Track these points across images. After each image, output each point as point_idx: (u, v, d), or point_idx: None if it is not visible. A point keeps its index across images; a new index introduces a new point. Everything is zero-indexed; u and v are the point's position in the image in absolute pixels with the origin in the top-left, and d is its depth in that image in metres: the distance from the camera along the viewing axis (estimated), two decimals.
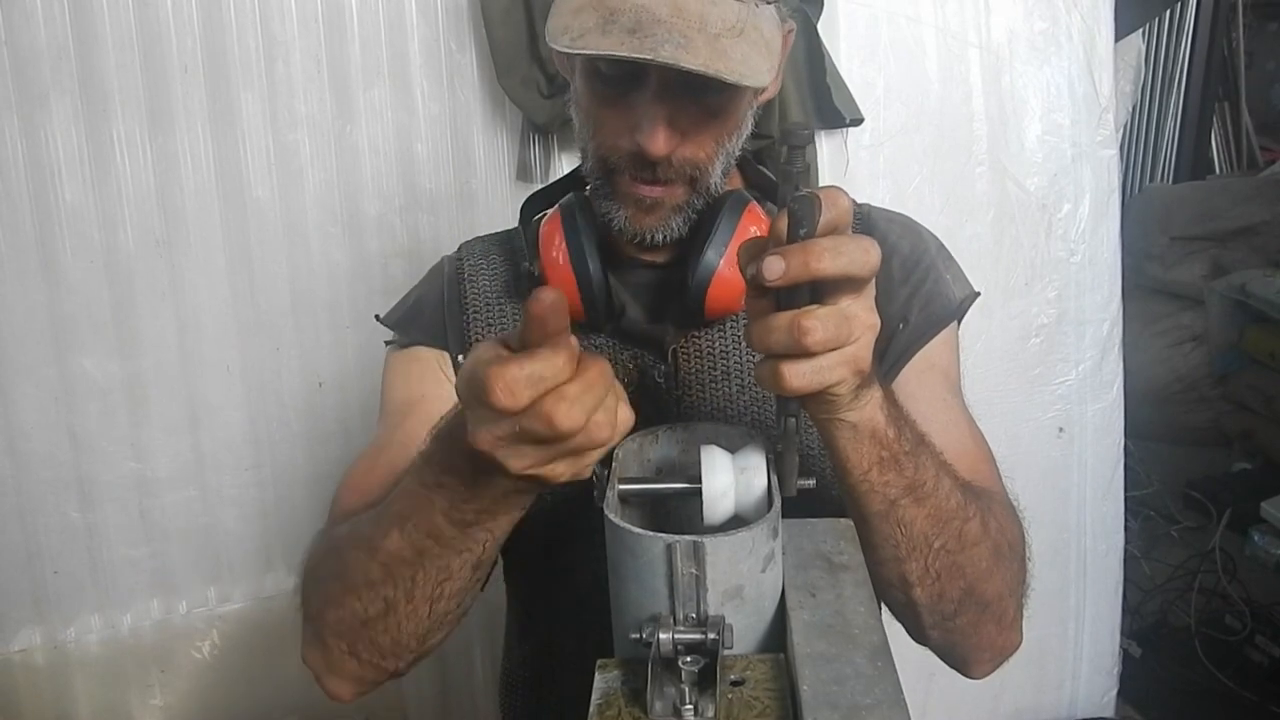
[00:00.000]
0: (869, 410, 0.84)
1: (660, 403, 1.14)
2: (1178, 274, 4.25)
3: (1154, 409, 3.94)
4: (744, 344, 1.13)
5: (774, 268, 0.69)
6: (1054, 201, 2.43)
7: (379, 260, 2.12)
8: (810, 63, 2.15)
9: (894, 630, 0.74)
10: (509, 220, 2.17)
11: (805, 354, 0.73)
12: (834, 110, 2.15)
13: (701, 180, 1.04)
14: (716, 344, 1.14)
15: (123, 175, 1.93)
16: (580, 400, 0.69)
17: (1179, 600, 3.25)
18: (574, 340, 0.69)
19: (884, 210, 1.23)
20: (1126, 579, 2.77)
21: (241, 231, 2.03)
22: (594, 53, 0.90)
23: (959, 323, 1.19)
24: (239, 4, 1.94)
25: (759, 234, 1.06)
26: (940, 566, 0.93)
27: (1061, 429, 2.54)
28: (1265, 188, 4.24)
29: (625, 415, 0.74)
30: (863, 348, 0.76)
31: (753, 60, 0.93)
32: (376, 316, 1.27)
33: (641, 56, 0.88)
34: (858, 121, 2.20)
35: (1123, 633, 2.81)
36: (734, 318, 1.14)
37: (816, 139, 2.23)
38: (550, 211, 1.12)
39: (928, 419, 0.97)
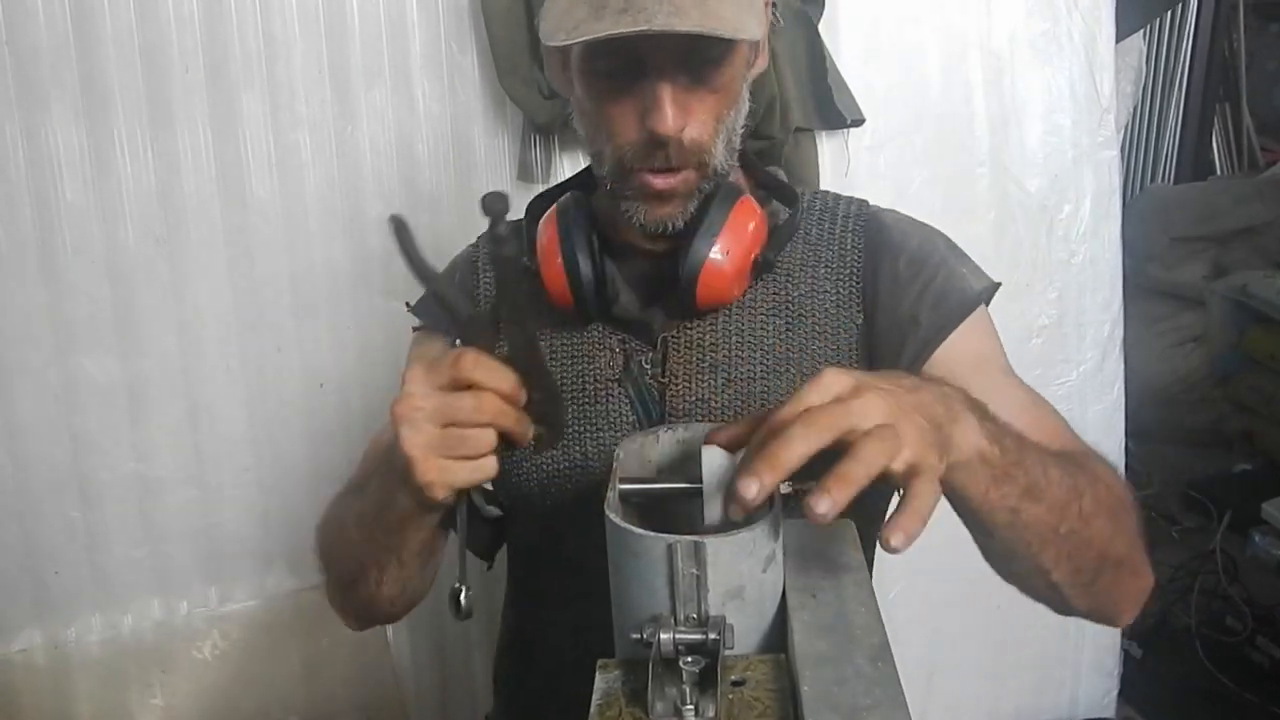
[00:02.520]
0: (969, 440, 0.84)
1: (644, 385, 1.16)
2: (1179, 275, 4.24)
3: (1155, 410, 3.93)
4: (733, 339, 1.15)
5: (750, 490, 0.71)
6: (1055, 202, 2.43)
7: (380, 260, 2.12)
8: (811, 63, 2.15)
9: (895, 630, 0.74)
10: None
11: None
12: (835, 111, 2.15)
13: (709, 162, 1.06)
14: (706, 336, 1.15)
15: (123, 175, 1.93)
16: (501, 406, 0.89)
17: (1180, 601, 3.24)
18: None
19: (891, 211, 1.24)
20: None
21: (242, 231, 2.03)
22: (592, 38, 0.93)
23: (986, 307, 1.20)
24: (240, 4, 1.94)
25: (754, 225, 1.10)
26: (1070, 547, 0.95)
27: None
28: (1266, 188, 4.24)
29: (494, 464, 0.93)
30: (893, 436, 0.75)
31: (743, 17, 0.96)
32: (407, 304, 1.35)
33: (637, 29, 0.91)
34: (859, 122, 2.20)
35: (1124, 634, 2.81)
36: (726, 310, 1.15)
37: (818, 139, 2.23)
38: (552, 209, 1.16)
39: (996, 407, 0.98)
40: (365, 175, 2.07)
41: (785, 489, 0.83)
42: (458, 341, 0.99)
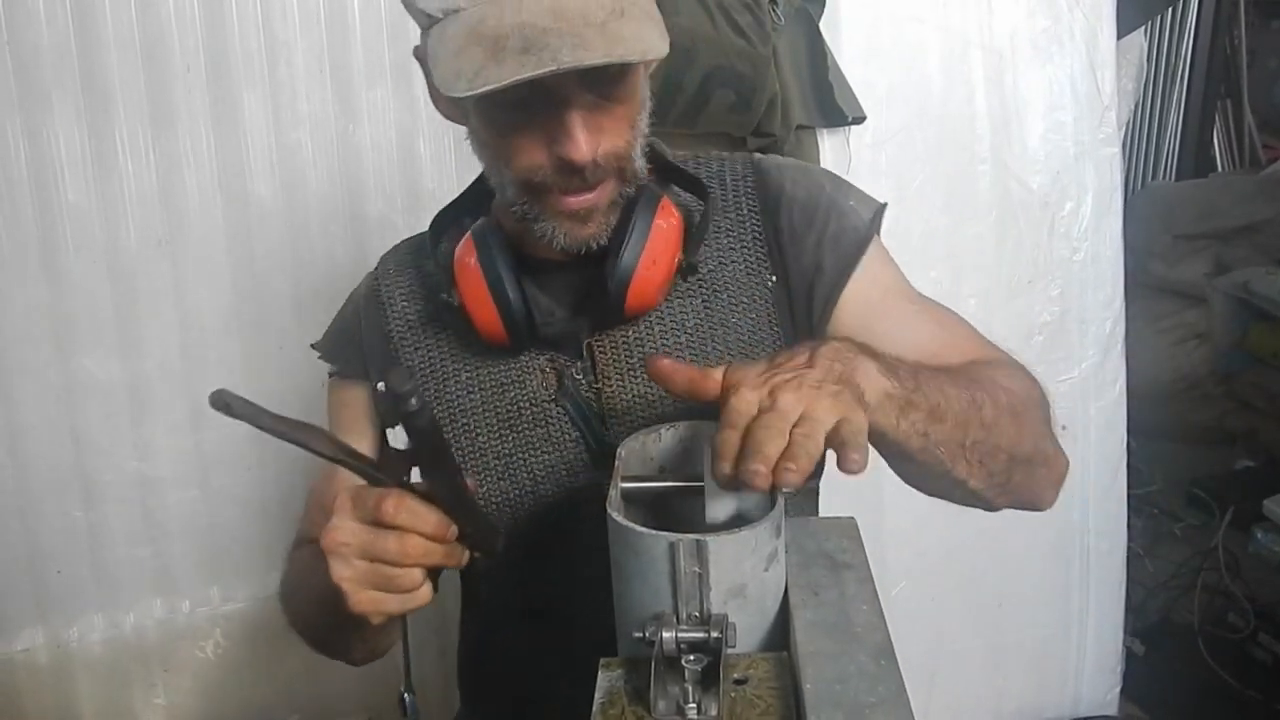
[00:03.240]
0: (874, 384, 0.87)
1: (580, 399, 1.15)
2: (1180, 272, 4.23)
3: (1157, 407, 3.93)
4: (656, 329, 1.14)
5: (755, 483, 0.74)
6: (1056, 200, 2.43)
7: None
8: (812, 61, 2.15)
9: (897, 629, 0.75)
10: None
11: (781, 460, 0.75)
12: (836, 108, 2.15)
13: (627, 168, 1.04)
14: (631, 334, 1.15)
15: (125, 174, 1.93)
16: (427, 546, 0.88)
17: (1182, 598, 3.24)
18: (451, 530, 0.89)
19: (773, 159, 1.24)
20: (1130, 577, 2.77)
21: (244, 231, 2.03)
22: (498, 85, 0.88)
23: (879, 235, 1.19)
24: (241, 3, 1.94)
25: (675, 227, 1.09)
26: (979, 455, 0.98)
27: (1064, 427, 2.51)
28: (1268, 185, 4.23)
29: (427, 592, 0.92)
30: (822, 411, 0.78)
31: (645, 34, 0.94)
32: (313, 346, 1.31)
33: (545, 71, 0.87)
34: (860, 120, 2.20)
35: (1126, 631, 2.81)
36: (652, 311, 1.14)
37: (819, 137, 2.23)
38: (464, 239, 1.12)
39: (908, 336, 1.09)
40: (366, 174, 2.07)
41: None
42: (380, 385, 0.99)
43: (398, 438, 1.13)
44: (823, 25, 2.15)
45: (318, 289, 2.10)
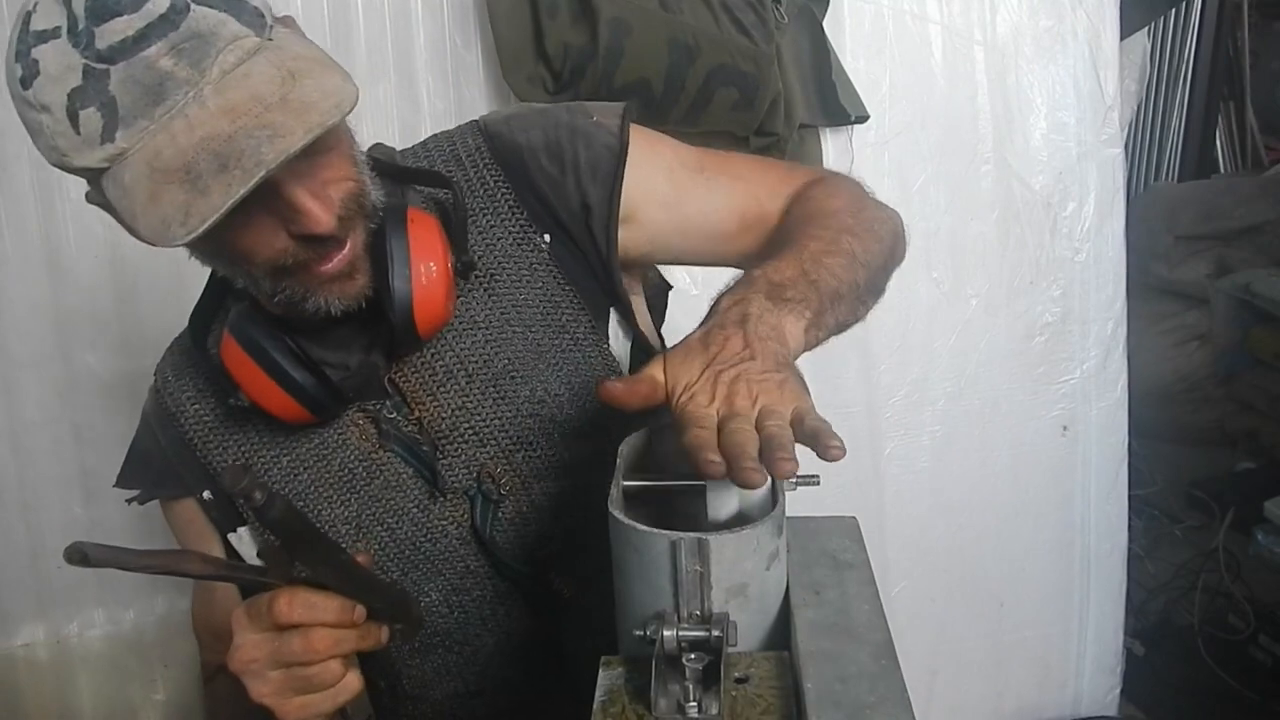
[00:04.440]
0: (790, 329, 0.87)
1: (404, 436, 1.12)
2: (1182, 273, 4.23)
3: (1158, 408, 3.93)
4: (449, 337, 1.10)
5: (756, 480, 0.72)
6: (1059, 200, 2.42)
7: None
8: (816, 60, 2.15)
9: (898, 629, 0.74)
10: None
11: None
12: (839, 107, 2.15)
13: (367, 204, 0.99)
14: (427, 352, 1.10)
15: None
16: (335, 635, 0.86)
17: (1183, 599, 3.24)
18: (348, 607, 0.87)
19: (498, 115, 1.19)
20: (1130, 578, 2.77)
21: None
22: (218, 216, 0.82)
23: (632, 132, 1.13)
24: None
25: (433, 232, 1.03)
26: (871, 289, 1.02)
27: (1066, 428, 2.54)
28: (1270, 187, 4.23)
29: (354, 680, 0.91)
30: (775, 389, 0.79)
31: (327, 86, 0.87)
32: (117, 484, 1.23)
33: (255, 181, 0.81)
34: (863, 119, 2.20)
35: (1126, 632, 2.81)
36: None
37: (822, 136, 2.23)
38: (224, 337, 1.05)
39: (718, 207, 1.12)
40: None
41: (789, 486, 0.83)
42: (207, 495, 1.02)
43: (241, 539, 1.15)
44: (826, 24, 2.15)
45: None
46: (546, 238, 1.13)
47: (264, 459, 1.13)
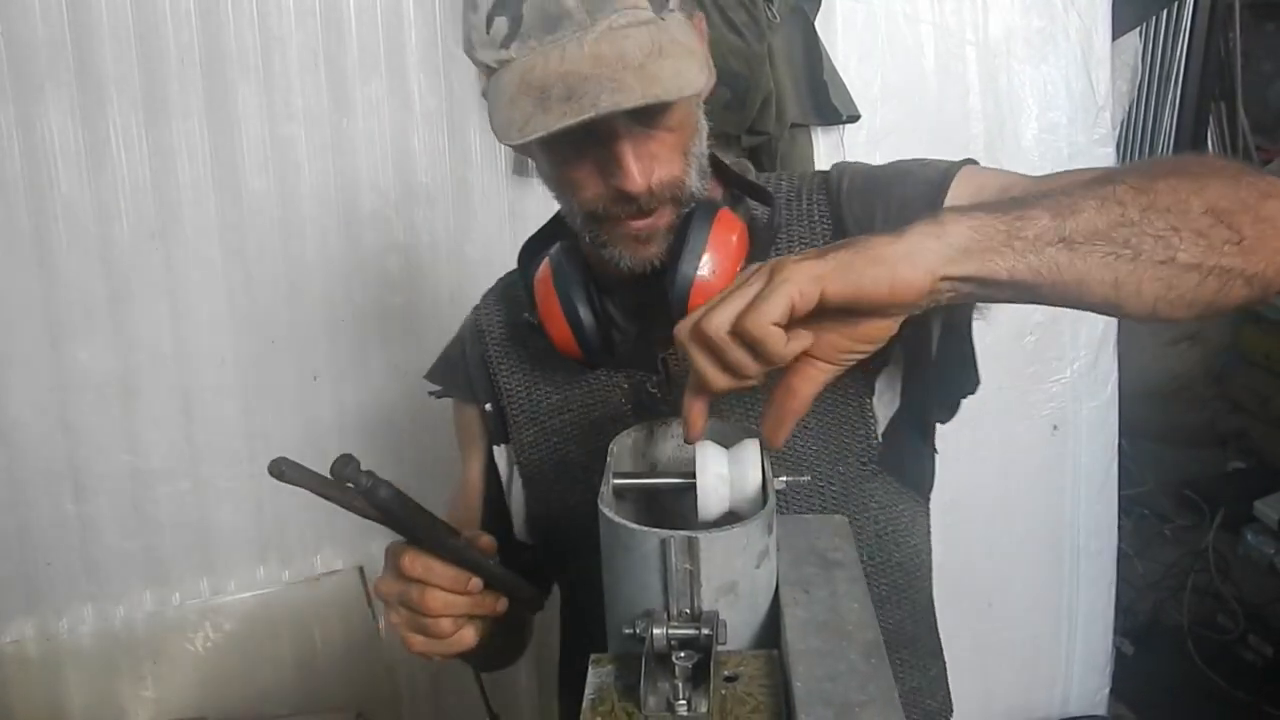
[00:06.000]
0: (944, 231, 0.76)
1: (658, 413, 1.14)
2: None
3: (1149, 408, 3.93)
4: None
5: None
6: None
7: (374, 254, 2.12)
8: (807, 59, 2.15)
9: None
10: (503, 214, 2.17)
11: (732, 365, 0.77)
12: (831, 107, 2.15)
13: (683, 194, 1.06)
14: None
15: (119, 167, 1.93)
16: (447, 599, 0.98)
17: (1172, 599, 3.25)
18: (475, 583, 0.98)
19: (850, 164, 1.20)
20: (1120, 577, 2.77)
21: (237, 224, 2.02)
22: (544, 134, 0.93)
23: (974, 165, 1.12)
24: None
25: (735, 238, 1.08)
26: (1161, 221, 0.79)
27: (1056, 427, 2.54)
28: None
29: (468, 637, 1.02)
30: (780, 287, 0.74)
31: (683, 71, 0.96)
32: (426, 376, 1.37)
33: (584, 117, 0.91)
34: (854, 118, 2.20)
35: (1116, 631, 2.81)
36: None
37: (813, 135, 2.23)
38: (543, 262, 1.17)
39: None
40: (360, 169, 2.07)
41: (779, 485, 0.83)
42: (487, 407, 1.21)
43: (499, 454, 1.27)
44: (818, 23, 2.15)
45: (310, 283, 2.09)
46: None
47: (539, 391, 1.24)
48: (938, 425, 1.25)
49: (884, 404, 1.15)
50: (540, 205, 2.25)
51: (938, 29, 2.30)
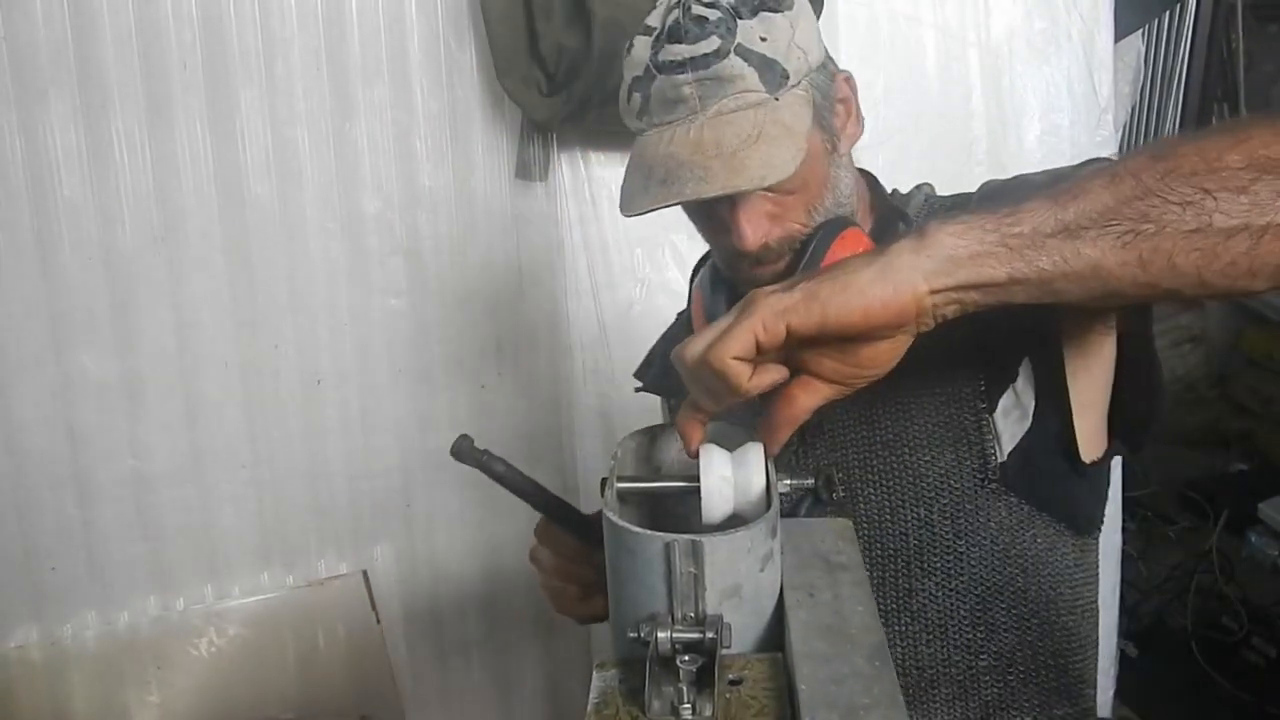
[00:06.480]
0: (930, 247, 0.75)
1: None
2: None
3: None
4: None
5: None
6: None
7: (377, 258, 2.12)
8: None
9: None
10: (506, 218, 2.17)
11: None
12: None
13: (801, 249, 1.11)
14: None
15: (121, 171, 1.93)
16: (564, 568, 1.18)
17: (1176, 601, 3.25)
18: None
19: (990, 189, 1.25)
20: (1124, 579, 2.77)
21: (240, 228, 2.02)
22: (640, 212, 1.04)
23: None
24: (239, 1, 1.94)
25: (848, 254, 1.06)
26: (1182, 189, 0.72)
27: None
28: None
29: (596, 606, 1.18)
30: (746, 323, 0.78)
31: (774, 158, 1.00)
32: (634, 375, 1.48)
33: (669, 203, 1.02)
34: None
35: (1120, 633, 2.81)
36: None
37: None
38: (696, 281, 1.27)
39: None
40: (363, 172, 2.07)
41: (783, 487, 0.83)
42: (671, 403, 1.33)
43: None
44: (820, 25, 2.14)
45: (313, 287, 2.10)
46: None
47: None
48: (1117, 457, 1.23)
49: (1011, 421, 1.12)
50: (542, 208, 2.26)
51: (940, 31, 2.31)
